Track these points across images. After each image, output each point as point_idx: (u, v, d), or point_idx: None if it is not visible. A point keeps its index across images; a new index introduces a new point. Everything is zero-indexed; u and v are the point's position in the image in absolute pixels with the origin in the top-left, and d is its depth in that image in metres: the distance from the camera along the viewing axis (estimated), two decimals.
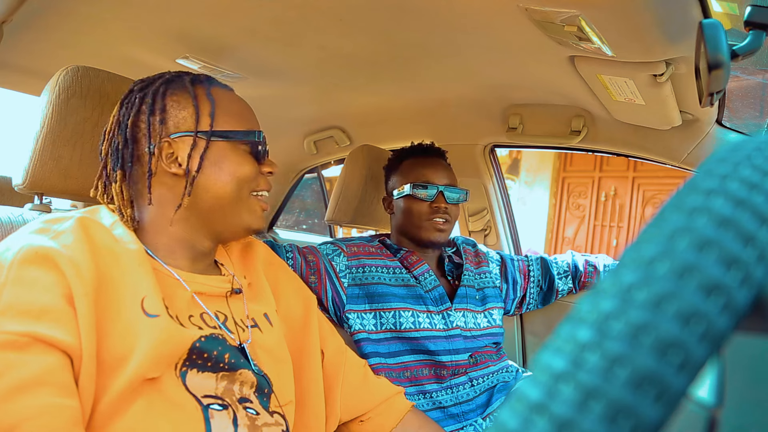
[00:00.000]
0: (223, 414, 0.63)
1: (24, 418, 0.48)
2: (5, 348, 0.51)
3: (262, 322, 0.76)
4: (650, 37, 0.84)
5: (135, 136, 0.72)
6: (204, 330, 0.66)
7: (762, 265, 0.18)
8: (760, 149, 0.21)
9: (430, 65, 1.25)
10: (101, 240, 0.63)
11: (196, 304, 0.69)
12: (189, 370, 0.63)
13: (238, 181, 0.73)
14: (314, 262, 1.17)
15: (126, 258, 0.63)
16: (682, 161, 1.32)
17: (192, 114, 0.72)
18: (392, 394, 0.91)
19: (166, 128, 0.71)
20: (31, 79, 1.50)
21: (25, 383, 0.50)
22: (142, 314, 0.60)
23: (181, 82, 0.74)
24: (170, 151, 0.71)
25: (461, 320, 1.21)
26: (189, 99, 0.73)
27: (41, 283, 0.55)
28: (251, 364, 0.69)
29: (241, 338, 0.71)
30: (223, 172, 0.72)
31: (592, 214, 5.97)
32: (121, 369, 0.57)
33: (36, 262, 0.56)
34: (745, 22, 0.61)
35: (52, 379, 0.52)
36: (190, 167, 0.71)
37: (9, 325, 0.52)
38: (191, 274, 0.71)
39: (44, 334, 0.52)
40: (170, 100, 0.73)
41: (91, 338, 0.56)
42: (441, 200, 1.22)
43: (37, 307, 0.54)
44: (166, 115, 0.72)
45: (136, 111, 0.72)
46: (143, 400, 0.58)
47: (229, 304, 0.73)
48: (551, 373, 0.18)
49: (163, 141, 0.71)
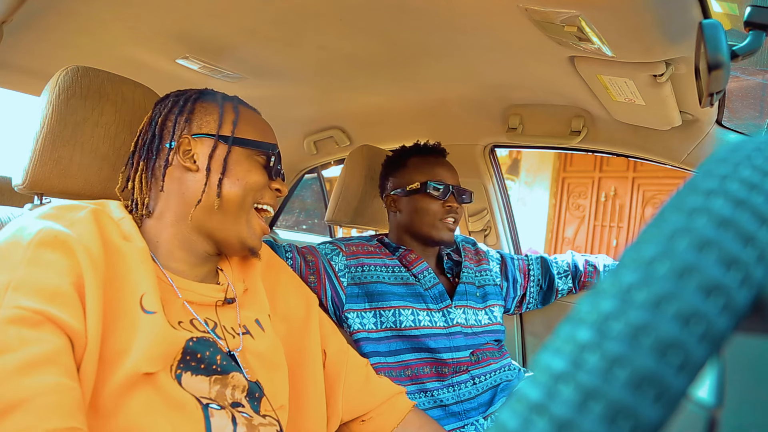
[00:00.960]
0: (222, 413, 0.64)
1: (35, 393, 0.49)
2: (20, 323, 0.51)
3: (253, 329, 0.77)
4: (650, 38, 0.84)
5: (161, 133, 0.77)
6: (194, 333, 0.67)
7: (762, 266, 0.18)
8: (760, 150, 0.21)
9: (430, 65, 1.25)
10: (111, 234, 0.65)
11: (187, 311, 0.70)
12: (183, 372, 0.63)
13: (245, 188, 0.75)
14: (313, 262, 1.17)
15: (132, 255, 0.64)
16: (681, 161, 1.32)
17: (216, 119, 0.77)
18: (394, 394, 0.91)
19: (189, 127, 0.77)
20: (31, 79, 1.50)
21: (38, 360, 0.50)
22: (140, 310, 0.61)
23: (213, 94, 0.81)
24: (188, 148, 0.75)
25: (462, 317, 1.21)
26: (216, 107, 0.78)
27: (56, 266, 0.56)
28: (242, 370, 0.70)
29: (230, 345, 0.71)
30: (233, 176, 0.75)
31: (592, 215, 5.97)
32: (120, 363, 0.58)
33: (53, 246, 0.57)
34: (744, 22, 0.61)
35: (60, 360, 0.52)
36: (210, 167, 0.74)
37: (24, 301, 0.52)
38: (186, 281, 0.72)
39: (56, 315, 0.53)
40: (199, 105, 0.79)
41: (97, 329, 0.56)
42: (453, 199, 1.23)
43: (50, 288, 0.54)
44: (192, 116, 0.77)
45: (167, 111, 0.78)
46: (142, 398, 0.58)
47: (218, 312, 0.74)
48: (551, 374, 0.18)
49: (184, 137, 0.76)
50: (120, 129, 0.91)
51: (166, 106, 0.79)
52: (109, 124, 0.90)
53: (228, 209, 0.75)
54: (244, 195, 0.75)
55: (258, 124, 0.81)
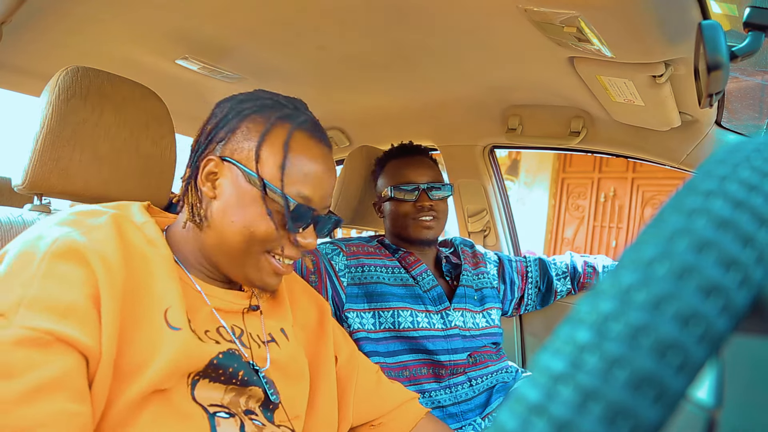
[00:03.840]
0: (230, 422, 0.63)
1: (39, 423, 0.48)
2: (29, 345, 0.50)
3: (279, 337, 0.75)
4: (650, 38, 0.84)
5: (205, 141, 0.70)
6: (221, 345, 0.65)
7: (761, 267, 0.18)
8: (759, 150, 0.21)
9: (430, 66, 1.25)
10: (133, 241, 0.62)
11: (214, 319, 0.67)
12: (201, 379, 0.62)
13: (250, 237, 0.66)
14: (314, 261, 1.17)
15: (156, 264, 0.62)
16: (681, 162, 1.32)
17: (253, 148, 0.66)
18: (406, 400, 0.90)
19: (224, 146, 0.67)
20: (30, 79, 1.50)
21: (44, 385, 0.49)
22: (165, 325, 0.59)
23: (269, 113, 0.68)
24: (214, 171, 0.67)
25: (460, 320, 1.21)
26: (258, 133, 0.67)
27: (70, 280, 0.54)
28: (264, 383, 0.68)
29: (255, 354, 0.70)
30: (243, 218, 0.66)
31: (592, 215, 5.97)
32: (137, 378, 0.56)
33: (67, 257, 0.55)
34: (744, 23, 0.61)
35: (69, 383, 0.51)
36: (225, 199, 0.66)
37: (35, 321, 0.51)
38: (213, 288, 0.70)
39: (67, 334, 0.52)
40: (247, 123, 0.68)
41: (113, 343, 0.55)
42: (424, 198, 1.22)
43: (63, 305, 0.53)
44: (231, 137, 0.67)
45: (218, 119, 0.69)
46: (151, 411, 0.57)
47: (245, 319, 0.72)
48: (550, 375, 0.18)
49: (209, 158, 0.67)
50: (120, 129, 0.91)
51: (222, 111, 0.69)
52: (109, 125, 0.90)
53: (230, 253, 0.67)
54: (248, 244, 0.66)
55: (306, 169, 0.67)
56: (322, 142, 0.70)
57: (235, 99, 0.71)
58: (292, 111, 0.70)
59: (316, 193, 0.68)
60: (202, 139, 0.70)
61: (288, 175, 0.66)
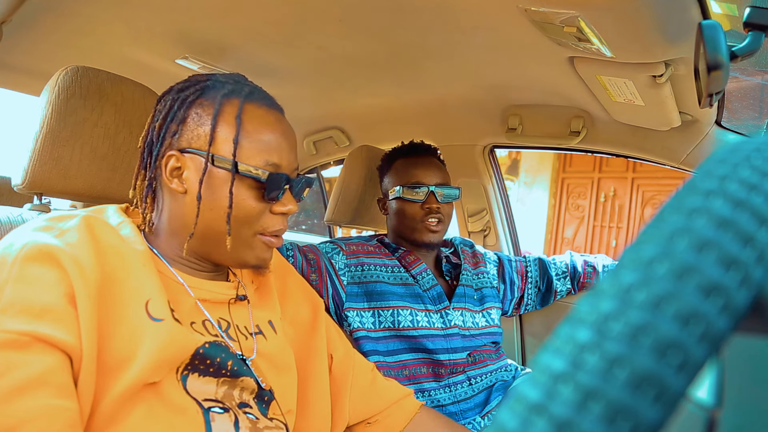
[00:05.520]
0: (225, 417, 0.63)
1: (23, 420, 0.48)
2: (6, 347, 0.50)
3: (266, 330, 0.75)
4: (649, 38, 0.84)
5: (157, 140, 0.68)
6: (206, 336, 0.65)
7: (761, 266, 0.18)
8: (759, 150, 0.21)
9: (430, 65, 1.25)
10: (107, 239, 0.62)
11: (199, 311, 0.67)
12: (190, 374, 0.62)
13: (234, 220, 0.66)
14: (314, 260, 1.17)
15: (131, 258, 0.62)
16: (681, 162, 1.32)
17: (207, 132, 0.66)
18: (401, 397, 0.90)
19: (179, 139, 0.67)
20: (30, 79, 1.50)
21: (25, 384, 0.49)
22: (146, 317, 0.59)
23: (216, 89, 0.68)
24: (177, 166, 0.67)
25: (459, 319, 1.21)
26: (209, 116, 0.66)
27: (43, 281, 0.54)
28: (253, 374, 0.68)
29: (243, 347, 0.70)
30: (220, 204, 0.66)
31: (592, 215, 5.97)
32: (123, 372, 0.56)
33: (39, 259, 0.55)
34: (744, 23, 0.61)
35: (52, 380, 0.51)
36: (201, 194, 0.65)
37: (10, 324, 0.51)
38: (197, 279, 0.69)
39: (45, 333, 0.52)
40: (195, 109, 0.67)
41: (92, 339, 0.55)
42: (433, 200, 1.22)
43: (38, 305, 0.53)
44: (183, 126, 0.67)
45: (166, 112, 0.68)
46: (144, 405, 0.57)
47: (231, 311, 0.72)
48: (550, 374, 0.18)
49: (169, 154, 0.67)
50: (120, 129, 0.91)
51: (165, 105, 0.68)
52: (109, 124, 0.90)
53: (219, 239, 0.67)
54: (233, 228, 0.66)
55: (265, 137, 0.67)
56: (273, 107, 0.71)
57: (174, 89, 0.70)
58: (234, 86, 0.69)
59: (283, 157, 0.69)
60: (153, 137, 0.68)
61: (251, 148, 0.66)
